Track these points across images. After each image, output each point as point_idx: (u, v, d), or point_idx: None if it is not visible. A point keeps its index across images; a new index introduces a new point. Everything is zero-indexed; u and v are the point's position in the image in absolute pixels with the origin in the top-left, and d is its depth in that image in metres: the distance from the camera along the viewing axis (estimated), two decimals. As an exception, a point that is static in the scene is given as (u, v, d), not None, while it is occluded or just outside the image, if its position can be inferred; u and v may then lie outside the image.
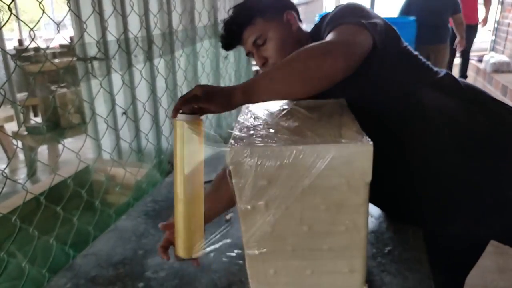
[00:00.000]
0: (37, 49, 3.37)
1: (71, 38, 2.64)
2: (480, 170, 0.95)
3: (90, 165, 1.44)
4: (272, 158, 0.73)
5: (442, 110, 0.96)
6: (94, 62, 1.62)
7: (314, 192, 0.75)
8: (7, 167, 0.87)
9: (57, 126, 2.80)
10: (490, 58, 5.64)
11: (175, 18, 1.89)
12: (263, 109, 0.95)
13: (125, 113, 1.60)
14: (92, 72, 1.60)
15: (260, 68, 1.13)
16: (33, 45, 3.39)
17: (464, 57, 5.13)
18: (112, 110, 1.65)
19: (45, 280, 1.00)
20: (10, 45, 5.59)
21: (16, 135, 2.83)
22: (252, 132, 0.80)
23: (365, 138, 0.73)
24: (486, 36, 7.00)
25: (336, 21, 0.95)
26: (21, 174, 3.55)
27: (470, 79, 5.76)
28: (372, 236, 1.08)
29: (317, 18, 4.98)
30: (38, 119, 3.82)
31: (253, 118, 0.89)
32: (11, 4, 0.92)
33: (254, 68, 4.03)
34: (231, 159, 0.74)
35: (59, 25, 1.10)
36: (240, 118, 0.90)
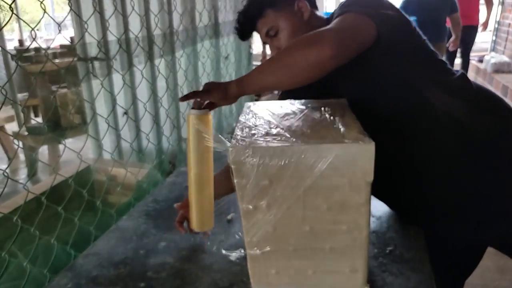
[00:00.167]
0: (38, 49, 3.36)
1: (72, 38, 2.64)
2: (483, 176, 0.94)
3: (91, 165, 1.44)
4: (274, 158, 0.73)
5: (450, 112, 0.94)
6: (95, 62, 1.62)
7: (316, 192, 0.75)
8: (8, 167, 0.88)
9: (58, 126, 2.79)
10: (491, 59, 5.64)
11: (176, 18, 1.89)
12: (265, 109, 0.95)
13: (126, 113, 1.60)
14: (93, 72, 1.60)
15: None
16: (33, 45, 3.39)
17: (465, 58, 5.12)
18: (113, 110, 1.65)
19: (46, 280, 1.00)
20: (11, 46, 5.60)
21: (17, 135, 2.82)
22: (254, 132, 0.80)
23: (367, 138, 0.73)
24: (487, 37, 7.00)
25: (343, 9, 0.94)
26: (22, 174, 3.55)
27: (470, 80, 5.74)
28: (374, 236, 1.08)
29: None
30: (39, 120, 3.82)
31: (255, 118, 0.89)
32: (12, 4, 0.92)
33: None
34: (233, 159, 0.74)
35: (60, 25, 1.10)
36: (242, 118, 0.90)
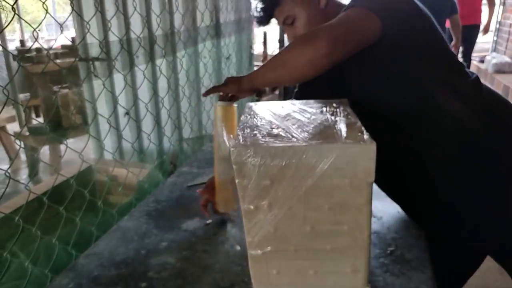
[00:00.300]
0: (39, 50, 3.37)
1: (73, 39, 2.64)
2: (483, 182, 0.94)
3: (93, 165, 1.44)
4: (275, 158, 0.73)
5: (454, 116, 0.93)
6: (96, 63, 1.62)
7: (317, 192, 0.75)
8: (10, 168, 0.88)
9: (59, 127, 2.79)
10: (492, 59, 5.64)
11: (178, 19, 1.89)
12: (266, 109, 0.95)
13: (128, 113, 1.60)
14: (94, 72, 1.60)
15: None
16: (34, 46, 3.39)
17: (466, 58, 5.12)
18: (114, 111, 1.65)
19: (48, 280, 1.00)
20: (12, 46, 5.61)
21: (19, 136, 2.83)
22: (255, 132, 0.80)
23: (368, 138, 0.73)
24: (488, 37, 6.99)
25: (351, 3, 0.93)
26: (23, 175, 3.55)
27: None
28: (375, 237, 1.08)
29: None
30: (40, 120, 3.82)
31: (256, 118, 0.89)
32: (14, 5, 0.92)
33: (256, 68, 4.03)
34: (234, 159, 0.74)
35: (62, 26, 1.11)
36: (243, 118, 0.90)
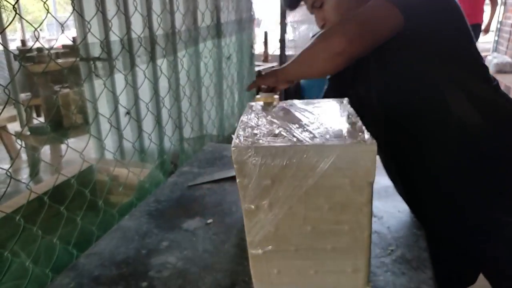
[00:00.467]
0: (40, 50, 3.37)
1: (74, 39, 2.64)
2: (485, 189, 0.95)
3: (94, 165, 1.44)
4: (276, 158, 0.73)
5: (463, 119, 0.93)
6: (97, 62, 1.63)
7: (318, 192, 0.75)
8: (11, 167, 0.88)
9: (60, 126, 2.80)
10: (493, 59, 5.62)
11: (178, 18, 1.89)
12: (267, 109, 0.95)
13: (128, 113, 1.60)
14: (95, 72, 1.60)
15: (320, 29, 1.10)
16: (36, 46, 3.39)
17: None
18: (115, 110, 1.65)
19: (48, 280, 1.00)
20: (13, 46, 5.62)
21: (20, 135, 2.83)
22: (256, 132, 0.80)
23: (369, 138, 0.73)
24: (489, 37, 6.99)
25: None
26: (24, 174, 3.56)
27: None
28: (376, 236, 1.08)
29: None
30: (41, 119, 3.83)
31: (257, 118, 0.89)
32: (15, 5, 0.92)
33: (257, 68, 4.03)
34: (235, 159, 0.74)
35: (63, 26, 1.11)
36: (244, 118, 0.90)
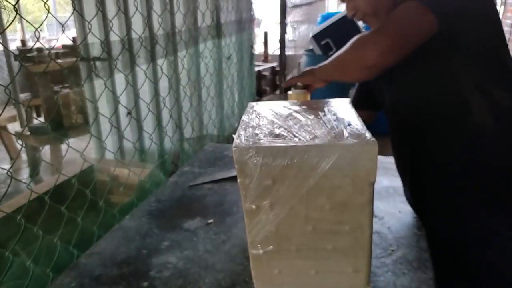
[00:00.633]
0: (40, 50, 3.37)
1: (74, 39, 2.64)
2: (490, 198, 0.96)
3: (94, 165, 1.44)
4: (277, 158, 0.73)
5: (480, 126, 0.93)
6: (98, 63, 1.63)
7: (319, 192, 0.75)
8: (11, 167, 0.88)
9: (60, 126, 2.80)
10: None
11: (179, 19, 1.89)
12: (268, 109, 0.95)
13: (130, 113, 1.60)
14: (96, 72, 1.60)
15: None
16: (36, 46, 3.38)
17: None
18: (116, 111, 1.65)
19: (49, 279, 1.00)
20: (13, 46, 5.62)
21: (20, 135, 2.83)
22: (257, 132, 0.80)
23: (370, 138, 0.73)
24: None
25: None
26: (24, 174, 3.55)
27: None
28: (376, 237, 1.08)
29: (320, 19, 4.92)
30: (41, 119, 3.83)
31: (258, 118, 0.89)
32: (16, 5, 0.92)
33: (257, 69, 4.03)
34: (236, 159, 0.74)
35: (63, 26, 1.11)
36: (245, 118, 0.90)
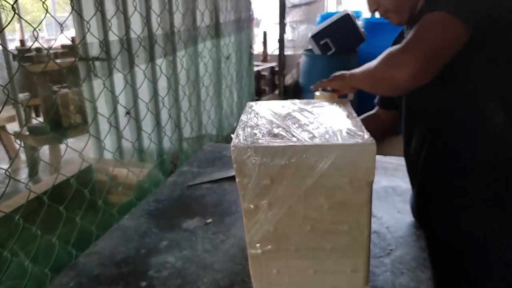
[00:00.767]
0: (39, 49, 3.37)
1: (73, 38, 2.64)
2: (488, 212, 0.97)
3: (93, 165, 1.44)
4: (276, 158, 0.73)
5: (491, 140, 0.93)
6: (96, 62, 1.63)
7: (317, 192, 0.75)
8: (10, 167, 0.88)
9: (59, 126, 2.79)
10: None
11: (178, 18, 1.89)
12: (267, 109, 0.95)
13: (128, 113, 1.60)
14: (94, 72, 1.60)
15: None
16: (34, 45, 3.39)
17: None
18: (115, 110, 1.65)
19: (48, 279, 1.00)
20: (12, 46, 5.61)
21: (19, 135, 2.83)
22: (256, 132, 0.80)
23: (369, 138, 0.73)
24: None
25: (431, 3, 0.88)
26: (23, 174, 3.55)
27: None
28: (375, 236, 1.08)
29: (319, 19, 4.91)
30: (40, 119, 3.82)
31: (257, 118, 0.89)
32: (14, 4, 0.92)
33: (256, 68, 4.03)
34: (235, 158, 0.74)
35: (62, 25, 1.11)
36: (244, 117, 0.90)
